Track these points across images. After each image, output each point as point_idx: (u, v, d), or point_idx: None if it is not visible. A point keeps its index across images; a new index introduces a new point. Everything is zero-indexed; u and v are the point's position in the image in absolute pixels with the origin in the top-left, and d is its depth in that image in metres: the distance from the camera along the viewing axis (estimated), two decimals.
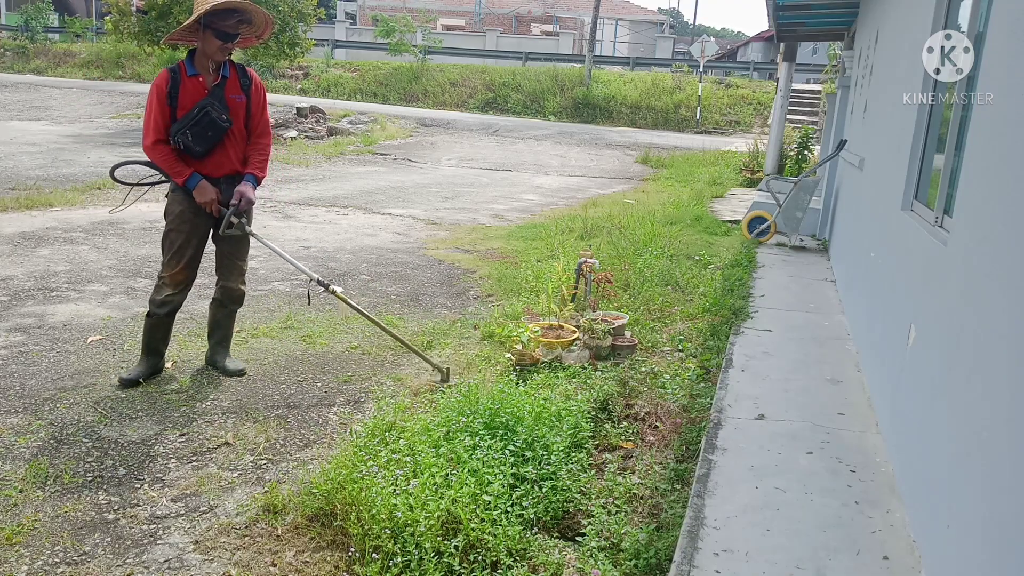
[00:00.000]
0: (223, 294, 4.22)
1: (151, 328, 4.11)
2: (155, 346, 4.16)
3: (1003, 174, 2.25)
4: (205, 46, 3.85)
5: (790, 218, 8.05)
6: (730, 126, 23.14)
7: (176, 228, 3.99)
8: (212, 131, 3.88)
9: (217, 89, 3.92)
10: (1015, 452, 1.88)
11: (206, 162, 3.95)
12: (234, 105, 3.97)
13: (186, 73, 3.88)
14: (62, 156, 13.00)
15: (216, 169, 3.98)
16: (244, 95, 4.02)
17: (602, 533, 2.83)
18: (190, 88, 3.87)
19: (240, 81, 4.02)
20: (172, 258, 4.01)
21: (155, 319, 4.08)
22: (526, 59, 29.46)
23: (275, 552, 2.73)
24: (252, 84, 4.06)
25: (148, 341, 4.14)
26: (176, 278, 4.03)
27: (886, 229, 4.35)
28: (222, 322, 4.29)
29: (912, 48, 4.04)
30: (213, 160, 3.97)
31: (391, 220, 9.28)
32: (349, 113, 20.64)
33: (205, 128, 3.85)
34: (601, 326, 4.74)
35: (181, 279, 4.04)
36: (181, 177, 3.89)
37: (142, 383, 4.05)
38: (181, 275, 4.03)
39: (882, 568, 2.58)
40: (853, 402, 3.99)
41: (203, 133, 3.86)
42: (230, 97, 3.96)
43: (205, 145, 3.89)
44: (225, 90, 3.95)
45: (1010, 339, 2.01)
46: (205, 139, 3.88)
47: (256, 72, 4.26)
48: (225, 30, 3.81)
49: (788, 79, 13.39)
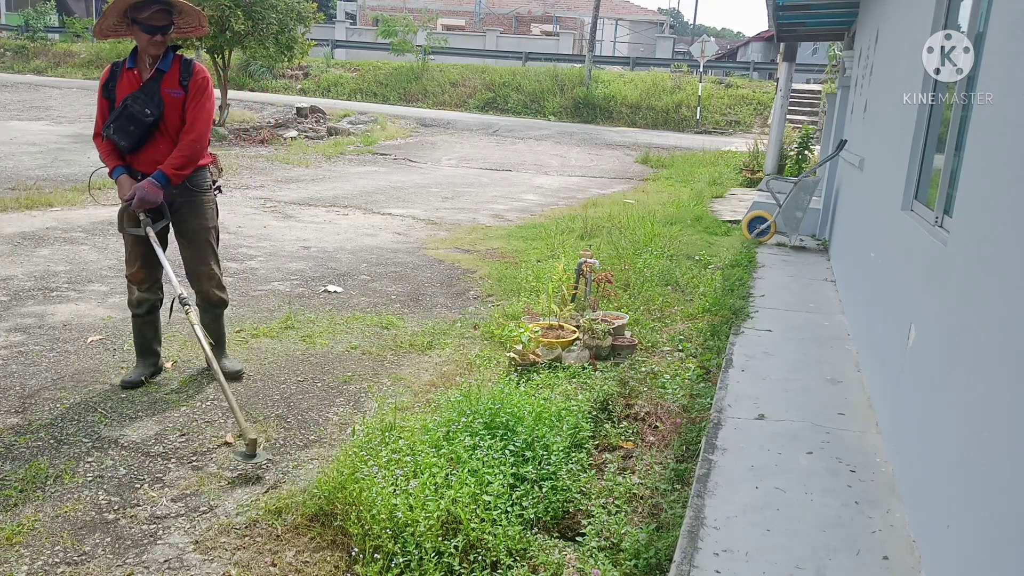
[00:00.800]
0: (199, 300, 4.17)
1: (137, 329, 4.11)
2: (147, 346, 4.15)
3: (1003, 174, 2.25)
4: (137, 40, 3.79)
5: (790, 218, 8.05)
6: (730, 126, 23.14)
7: (122, 225, 3.98)
8: (133, 125, 3.76)
9: (151, 83, 3.80)
10: (1015, 452, 1.88)
11: (137, 157, 3.88)
12: (170, 100, 3.82)
13: (125, 66, 3.85)
14: (62, 156, 13.00)
15: (148, 165, 3.87)
16: (182, 90, 3.86)
17: (602, 533, 2.83)
18: (125, 81, 3.83)
19: (180, 75, 3.87)
20: (127, 256, 4.03)
21: (137, 319, 4.09)
22: (526, 59, 29.47)
23: (275, 552, 2.73)
24: (192, 78, 3.88)
25: (139, 342, 4.13)
26: (136, 276, 4.01)
27: (886, 229, 4.35)
28: (210, 325, 4.21)
29: (912, 48, 4.04)
30: (144, 156, 3.87)
31: (391, 220, 9.28)
32: (349, 113, 20.65)
33: (127, 122, 3.76)
34: (601, 326, 4.74)
35: (140, 277, 4.01)
36: (108, 168, 3.90)
37: (144, 382, 4.05)
38: (139, 273, 4.00)
39: (882, 568, 2.58)
40: (853, 402, 3.99)
41: (125, 127, 3.77)
42: (166, 91, 3.82)
43: (129, 140, 3.80)
44: (161, 84, 3.81)
45: (1010, 339, 2.01)
46: (128, 133, 3.78)
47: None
48: (148, 23, 3.71)
49: (788, 79, 13.39)
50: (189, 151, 3.88)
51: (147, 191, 3.78)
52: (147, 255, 3.97)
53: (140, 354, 4.15)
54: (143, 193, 3.78)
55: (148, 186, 3.79)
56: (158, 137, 3.87)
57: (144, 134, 3.81)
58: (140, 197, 3.78)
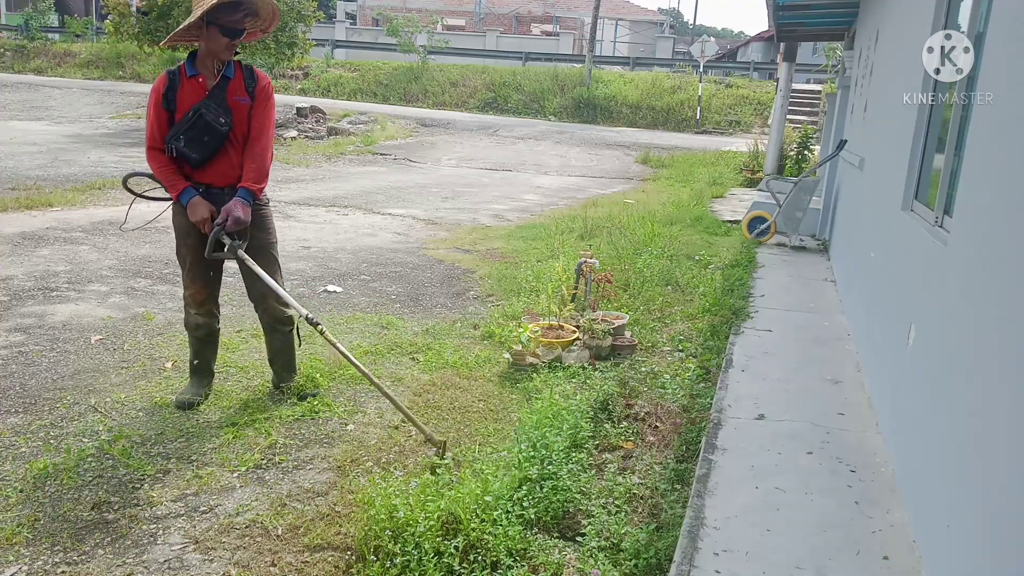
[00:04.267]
0: (266, 321, 3.91)
1: (197, 349, 3.90)
2: (206, 366, 3.95)
3: (1003, 174, 2.25)
4: (210, 45, 3.55)
5: (790, 218, 8.05)
6: (730, 126, 23.14)
7: (183, 243, 3.72)
8: (209, 136, 3.54)
9: (217, 90, 3.59)
10: (1015, 452, 1.88)
11: (207, 171, 3.63)
12: (237, 107, 3.62)
13: (186, 74, 3.58)
14: (62, 156, 13.00)
15: (219, 178, 3.65)
16: (249, 97, 3.66)
17: (602, 533, 2.83)
18: (189, 90, 3.57)
19: (245, 82, 3.67)
20: (187, 276, 3.77)
21: (196, 341, 3.88)
22: (526, 59, 29.48)
23: (275, 552, 2.73)
24: (258, 85, 3.70)
25: (198, 362, 3.91)
26: (198, 298, 3.78)
27: (886, 229, 4.35)
28: (280, 349, 3.97)
29: (912, 48, 4.04)
30: (214, 169, 3.63)
31: (391, 220, 9.28)
32: (349, 113, 20.65)
33: (200, 132, 3.52)
34: (601, 326, 4.74)
35: (202, 297, 3.79)
36: (175, 191, 3.59)
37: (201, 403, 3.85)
38: (202, 294, 3.78)
39: (882, 568, 2.58)
40: (853, 402, 3.99)
41: (199, 138, 3.53)
42: (232, 99, 3.62)
43: (202, 152, 3.56)
44: (227, 91, 3.61)
45: (1010, 339, 2.01)
46: (201, 145, 3.54)
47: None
48: (232, 26, 3.52)
49: (788, 79, 13.39)
50: (263, 163, 3.70)
51: (241, 211, 3.54)
52: (210, 274, 3.78)
53: (196, 373, 3.93)
54: (238, 214, 3.53)
55: (241, 206, 3.55)
56: (228, 148, 3.64)
57: (217, 145, 3.58)
58: (236, 218, 3.52)
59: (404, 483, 2.96)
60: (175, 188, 3.59)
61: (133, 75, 27.23)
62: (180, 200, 3.59)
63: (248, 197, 3.61)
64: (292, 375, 4.05)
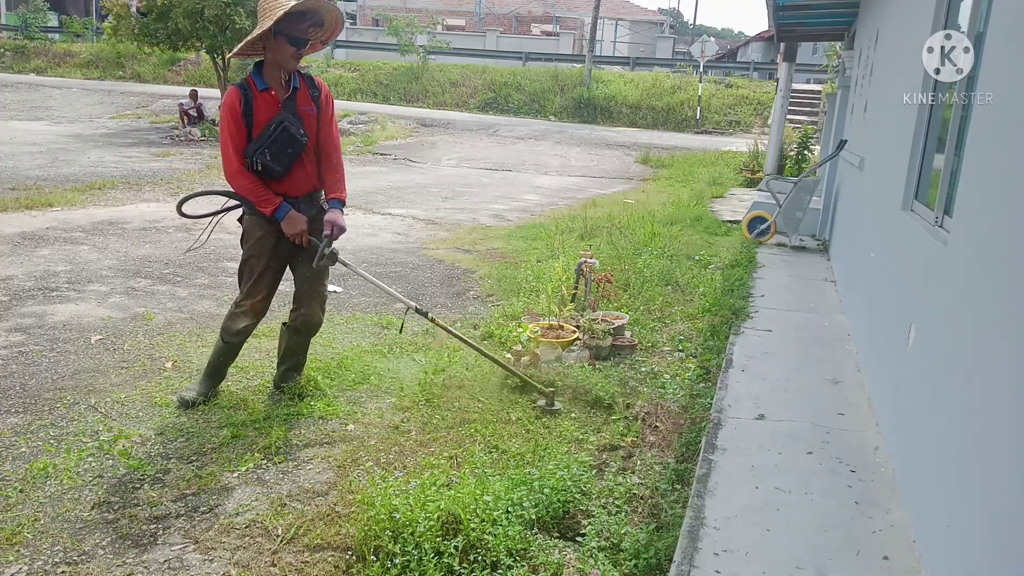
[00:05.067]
0: (302, 322, 3.92)
1: (223, 355, 3.92)
2: (223, 370, 3.99)
3: (1003, 174, 2.25)
4: (277, 55, 3.55)
5: (790, 218, 8.05)
6: (730, 126, 23.14)
7: (257, 254, 3.72)
8: (292, 147, 3.58)
9: (289, 102, 3.62)
10: (1015, 452, 1.88)
11: (285, 182, 3.66)
12: (307, 117, 3.67)
13: (256, 88, 3.58)
14: (62, 156, 13.00)
15: (296, 188, 3.69)
16: (315, 106, 3.71)
17: (602, 533, 2.83)
18: (263, 104, 3.57)
19: (310, 92, 3.71)
20: (254, 286, 3.77)
21: (228, 346, 3.90)
22: (526, 59, 29.50)
23: (275, 552, 2.73)
24: (321, 94, 3.74)
25: (218, 365, 3.95)
26: (257, 307, 3.81)
27: (886, 229, 4.35)
28: (296, 350, 4.02)
29: (912, 48, 4.04)
30: (292, 179, 3.67)
31: (391, 220, 9.28)
32: (349, 113, 20.65)
33: (284, 145, 3.56)
34: (601, 326, 4.74)
35: (262, 308, 3.83)
36: (269, 206, 3.60)
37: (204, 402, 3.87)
38: (262, 303, 3.82)
39: (882, 568, 2.58)
40: (853, 402, 3.99)
41: (282, 151, 3.56)
42: (302, 109, 3.65)
43: (284, 163, 3.60)
44: (297, 102, 3.65)
45: (1010, 339, 2.01)
46: (284, 157, 3.58)
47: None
48: (299, 35, 3.52)
49: (788, 79, 13.39)
50: (343, 171, 3.81)
51: (343, 221, 3.72)
52: (275, 283, 3.84)
53: (210, 375, 3.96)
54: (343, 224, 3.71)
55: (341, 217, 3.71)
56: (304, 158, 3.69)
57: (296, 156, 3.64)
58: (341, 228, 3.69)
59: (404, 483, 2.96)
60: (270, 203, 3.61)
61: (133, 75, 27.25)
62: (276, 215, 3.62)
63: (341, 207, 3.75)
64: (297, 376, 4.06)
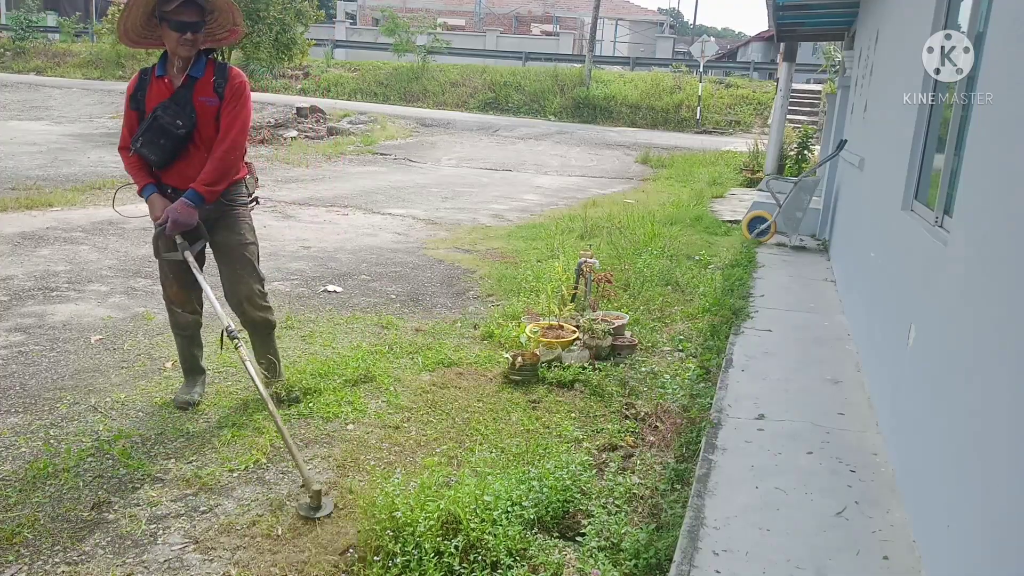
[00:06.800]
0: (243, 318, 3.82)
1: (183, 349, 3.89)
2: (195, 363, 3.95)
3: (1003, 174, 2.25)
4: (167, 42, 3.42)
5: (790, 218, 8.05)
6: (730, 126, 23.14)
7: (154, 243, 3.72)
8: (164, 138, 3.42)
9: (183, 91, 3.46)
10: (1015, 452, 1.88)
11: (169, 173, 3.55)
12: (203, 109, 3.48)
13: (155, 74, 3.51)
14: (62, 156, 13.00)
15: (181, 181, 3.53)
16: (218, 97, 3.50)
17: (602, 533, 2.83)
18: (155, 90, 3.48)
19: (215, 82, 3.50)
20: (163, 277, 3.76)
21: (182, 340, 3.87)
22: (526, 59, 29.50)
23: (275, 552, 2.73)
24: (228, 83, 3.52)
25: (187, 361, 3.92)
26: (176, 297, 3.75)
27: (886, 229, 4.35)
28: (258, 350, 3.90)
29: (912, 48, 4.04)
30: (175, 171, 3.54)
31: (391, 220, 9.28)
32: (349, 113, 20.65)
33: (156, 135, 3.42)
34: (601, 326, 4.74)
35: (182, 298, 3.75)
36: (138, 187, 3.57)
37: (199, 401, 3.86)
38: (180, 294, 3.74)
39: (882, 568, 2.58)
40: (853, 402, 3.99)
41: (154, 140, 3.43)
42: (199, 99, 3.47)
43: (160, 154, 3.46)
44: (193, 91, 3.47)
45: (1010, 339, 2.01)
46: (158, 147, 3.44)
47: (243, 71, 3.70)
48: (175, 18, 3.33)
49: (788, 79, 13.40)
50: (222, 164, 3.51)
51: (180, 213, 3.45)
52: (184, 275, 3.68)
53: (189, 372, 3.94)
54: (176, 215, 3.45)
55: (181, 207, 3.45)
56: (191, 150, 3.52)
57: (176, 147, 3.48)
58: (174, 220, 3.45)
59: (404, 483, 2.96)
60: (139, 185, 3.58)
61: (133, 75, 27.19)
62: (142, 195, 3.58)
63: (195, 198, 3.47)
64: (275, 378, 3.93)
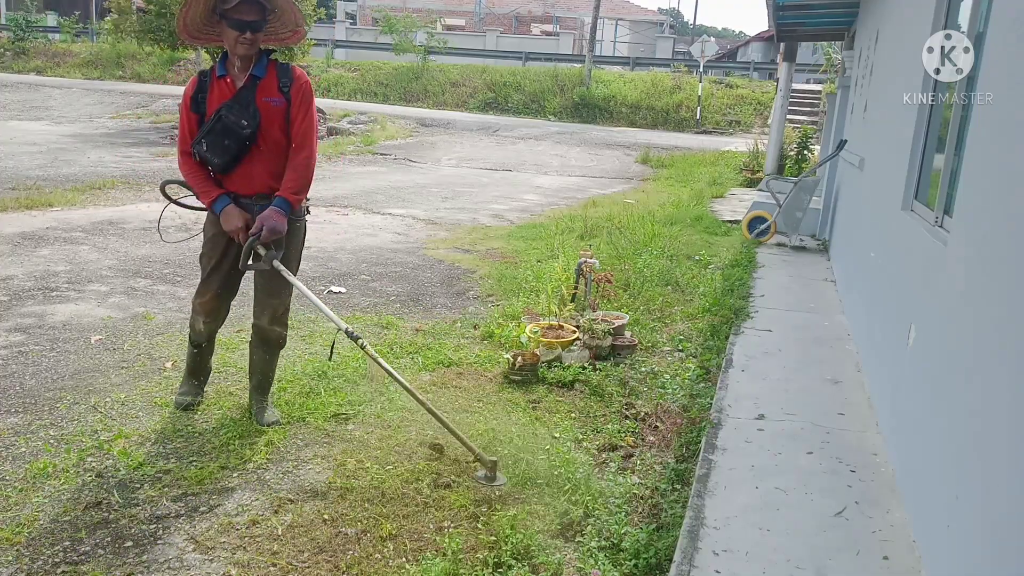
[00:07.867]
0: (255, 335, 3.71)
1: (196, 356, 3.82)
2: (204, 367, 3.91)
3: (1003, 174, 2.25)
4: (225, 41, 3.35)
5: (790, 218, 8.05)
6: (730, 126, 23.14)
7: (208, 252, 3.58)
8: (229, 139, 3.32)
9: (244, 91, 3.37)
10: (1015, 452, 1.88)
11: (231, 177, 3.44)
12: (268, 110, 3.38)
13: (215, 75, 3.42)
14: (62, 156, 13.00)
15: (244, 186, 3.45)
16: (283, 98, 3.42)
17: (602, 533, 2.83)
18: (217, 91, 3.39)
19: (279, 81, 3.42)
20: (203, 284, 3.63)
21: (196, 347, 3.80)
22: (526, 59, 29.50)
23: (275, 552, 2.73)
24: (294, 84, 3.43)
25: (197, 366, 3.86)
26: (207, 307, 3.64)
27: (886, 229, 4.35)
28: (258, 365, 3.74)
29: (912, 48, 4.04)
30: (239, 175, 3.43)
31: (391, 220, 9.27)
32: (349, 113, 20.64)
33: (220, 136, 3.32)
34: (601, 326, 4.74)
35: (211, 307, 3.65)
36: (207, 198, 3.43)
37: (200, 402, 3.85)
38: (211, 303, 3.64)
39: (882, 568, 2.58)
40: (853, 402, 3.99)
41: (219, 142, 3.33)
42: (263, 100, 3.38)
43: (223, 157, 3.36)
44: (256, 92, 3.38)
45: (1010, 339, 2.01)
46: (222, 149, 3.34)
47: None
48: (235, 16, 3.26)
49: (788, 79, 13.39)
50: (306, 171, 3.48)
51: (276, 221, 3.34)
52: (226, 284, 3.62)
53: (192, 374, 3.87)
54: (272, 223, 3.33)
55: (275, 215, 3.35)
56: (254, 152, 3.41)
57: (240, 149, 3.37)
58: (270, 228, 3.32)
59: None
60: (208, 195, 3.44)
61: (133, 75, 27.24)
62: (213, 208, 3.44)
63: (284, 207, 3.41)
64: (263, 397, 3.77)
